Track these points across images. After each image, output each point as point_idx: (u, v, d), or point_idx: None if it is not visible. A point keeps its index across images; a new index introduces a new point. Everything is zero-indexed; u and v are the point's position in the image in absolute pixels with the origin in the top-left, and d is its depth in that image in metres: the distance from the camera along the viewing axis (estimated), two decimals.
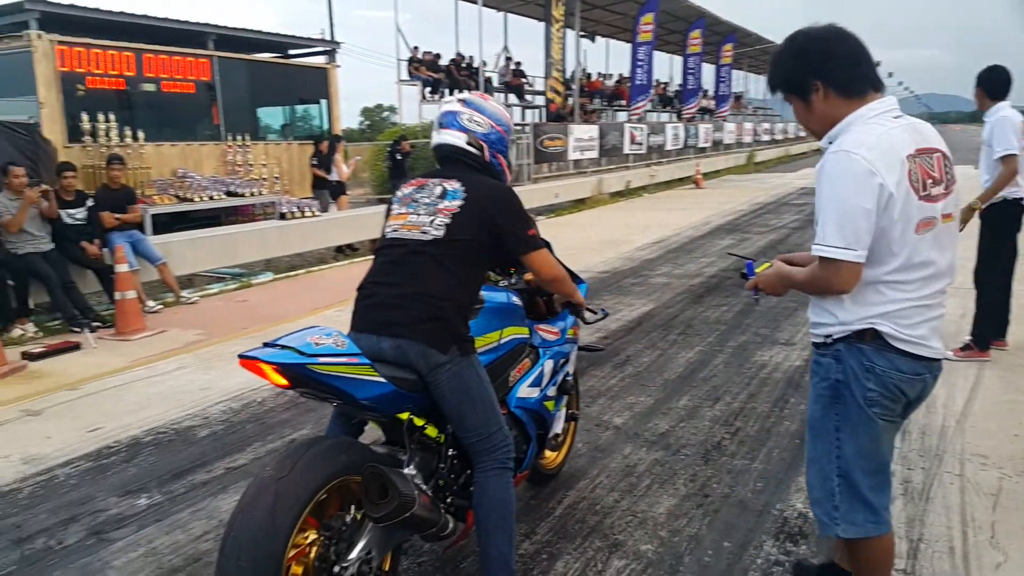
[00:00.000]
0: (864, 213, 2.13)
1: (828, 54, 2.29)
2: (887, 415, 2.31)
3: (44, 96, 10.14)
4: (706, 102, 36.96)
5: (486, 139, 2.91)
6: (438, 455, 2.83)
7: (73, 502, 3.90)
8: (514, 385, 3.20)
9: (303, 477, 2.28)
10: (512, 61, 26.01)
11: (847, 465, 2.33)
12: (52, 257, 7.37)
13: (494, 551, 2.71)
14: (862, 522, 2.35)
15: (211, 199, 11.53)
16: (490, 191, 2.81)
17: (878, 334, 2.26)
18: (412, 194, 2.87)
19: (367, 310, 2.73)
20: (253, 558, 2.16)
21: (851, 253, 2.14)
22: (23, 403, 5.38)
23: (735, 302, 7.85)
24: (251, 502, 2.24)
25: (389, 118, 28.74)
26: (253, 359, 2.30)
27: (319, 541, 2.39)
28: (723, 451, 4.29)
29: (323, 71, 15.66)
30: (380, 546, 2.54)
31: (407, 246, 2.75)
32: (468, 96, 3.03)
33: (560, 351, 3.57)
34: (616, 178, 21.52)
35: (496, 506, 2.71)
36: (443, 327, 2.64)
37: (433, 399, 2.69)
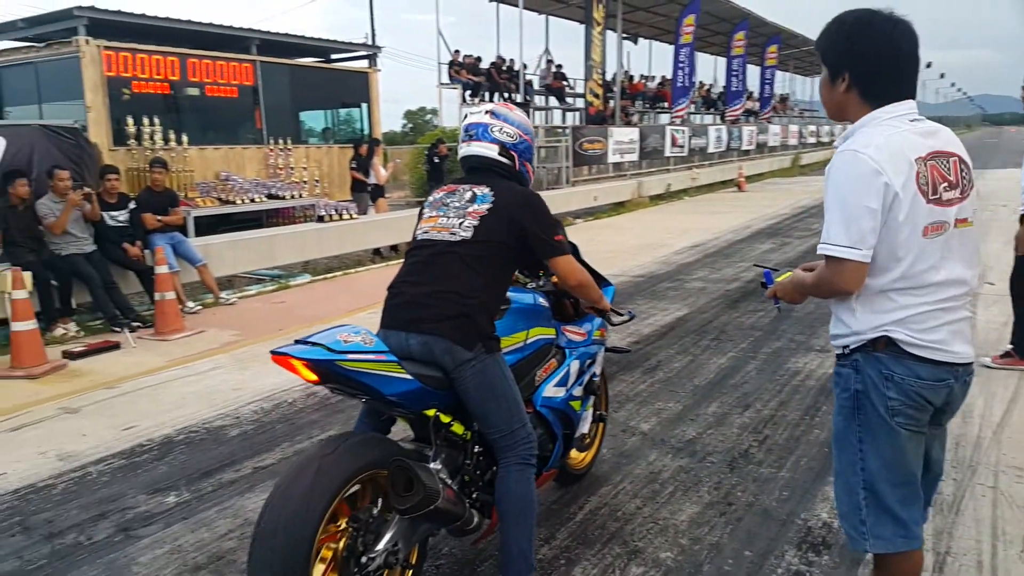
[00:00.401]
0: (869, 213, 2.10)
1: (867, 56, 2.23)
2: (911, 424, 2.24)
3: (91, 100, 10.38)
4: (750, 104, 36.57)
5: (515, 148, 3.02)
6: (464, 452, 2.89)
7: (104, 499, 3.99)
8: (540, 384, 3.25)
9: (337, 465, 2.38)
10: (553, 64, 25.99)
11: (872, 477, 2.27)
12: (94, 258, 7.55)
13: (514, 545, 2.75)
14: (890, 536, 2.27)
15: (252, 202, 11.72)
16: (518, 196, 2.90)
17: (892, 341, 2.21)
18: (443, 199, 2.98)
19: (396, 308, 2.82)
20: (288, 534, 2.25)
21: (856, 252, 2.12)
22: (61, 401, 5.52)
23: (772, 307, 7.73)
24: (291, 480, 2.35)
25: (431, 121, 28.94)
26: (284, 355, 2.41)
27: (348, 532, 2.46)
28: (750, 459, 4.23)
29: (364, 75, 15.81)
30: (406, 538, 2.62)
31: (436, 247, 2.84)
32: (495, 107, 3.11)
33: (586, 352, 3.60)
34: (656, 181, 21.37)
35: (517, 501, 2.77)
36: (469, 324, 2.71)
37: (459, 397, 2.75)
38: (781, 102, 42.99)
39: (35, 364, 6.13)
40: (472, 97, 22.12)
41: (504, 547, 2.78)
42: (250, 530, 3.52)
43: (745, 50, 30.35)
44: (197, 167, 11.81)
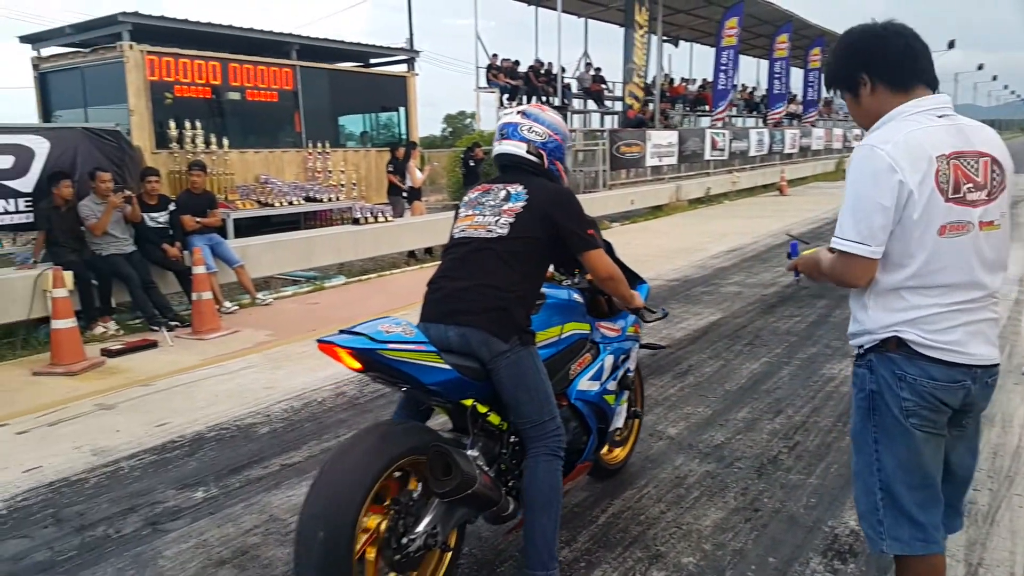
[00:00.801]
0: (881, 209, 2.09)
1: (876, 48, 2.25)
2: (927, 426, 2.20)
3: (134, 104, 10.62)
4: (794, 107, 36.11)
5: (544, 147, 3.11)
6: (500, 441, 2.99)
7: (134, 493, 4.06)
8: (575, 378, 3.32)
9: (379, 449, 2.53)
10: (592, 67, 25.94)
11: (888, 478, 2.24)
12: (134, 258, 7.71)
13: (538, 533, 2.81)
14: (908, 539, 2.24)
15: (291, 204, 11.87)
16: (551, 193, 2.99)
17: (903, 342, 2.19)
18: (478, 198, 3.08)
19: (435, 302, 2.93)
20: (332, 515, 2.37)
21: (865, 248, 2.13)
22: (98, 397, 5.64)
23: (809, 312, 7.64)
24: (336, 462, 2.50)
25: (470, 125, 29.02)
26: (330, 344, 2.53)
27: (389, 515, 2.58)
28: (779, 465, 4.17)
29: (402, 79, 15.93)
30: (445, 522, 2.72)
31: (473, 244, 2.95)
32: (526, 108, 3.23)
33: (620, 347, 3.67)
34: (696, 184, 21.22)
35: (544, 490, 2.83)
36: (506, 317, 2.81)
37: (495, 388, 2.85)
38: (825, 105, 42.36)
39: (74, 361, 6.27)
40: (510, 101, 22.15)
41: (528, 536, 2.83)
42: (275, 526, 3.63)
43: (788, 53, 29.95)
44: (237, 170, 12.01)
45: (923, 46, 2.25)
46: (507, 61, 22.49)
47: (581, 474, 3.53)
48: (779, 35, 29.47)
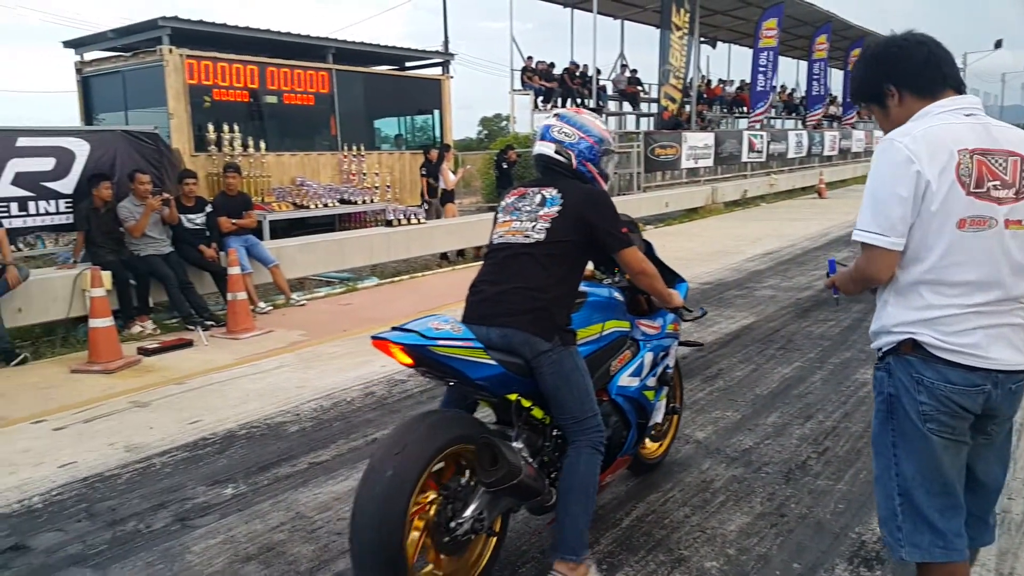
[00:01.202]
0: (898, 200, 2.10)
1: (899, 57, 2.27)
2: (945, 432, 2.16)
3: (173, 107, 10.81)
4: (833, 109, 35.62)
5: (573, 148, 3.19)
6: (543, 435, 3.11)
7: (165, 489, 4.14)
8: (615, 374, 3.42)
9: (432, 435, 2.66)
10: (628, 69, 25.84)
11: (907, 484, 2.22)
12: (171, 259, 7.85)
13: (571, 522, 2.92)
14: (927, 546, 2.20)
15: (326, 206, 11.97)
16: (585, 195, 3.08)
17: (918, 344, 2.17)
18: (514, 203, 3.18)
19: (477, 305, 3.03)
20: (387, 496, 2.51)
21: (884, 239, 2.13)
22: (133, 395, 5.74)
23: (844, 317, 7.53)
24: (390, 446, 2.62)
25: (506, 128, 29.08)
26: (384, 340, 2.70)
27: (438, 500, 2.75)
28: (807, 470, 4.12)
29: (437, 82, 16.01)
30: (490, 509, 2.85)
31: (512, 249, 3.05)
32: (561, 111, 3.35)
33: (660, 344, 3.76)
34: (732, 187, 21.04)
35: (582, 482, 2.93)
36: (546, 317, 2.92)
37: (538, 384, 2.95)
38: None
39: (111, 359, 6.40)
40: (544, 103, 22.16)
41: (562, 524, 2.93)
42: (301, 523, 3.68)
43: (827, 54, 29.55)
44: (274, 172, 12.15)
45: (945, 52, 2.25)
46: (542, 63, 22.50)
47: (621, 467, 3.61)
48: (818, 36, 29.10)
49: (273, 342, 7.27)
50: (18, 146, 7.74)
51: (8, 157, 7.67)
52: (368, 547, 2.52)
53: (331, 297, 9.60)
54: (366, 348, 6.88)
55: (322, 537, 3.56)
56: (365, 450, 4.58)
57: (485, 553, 3.00)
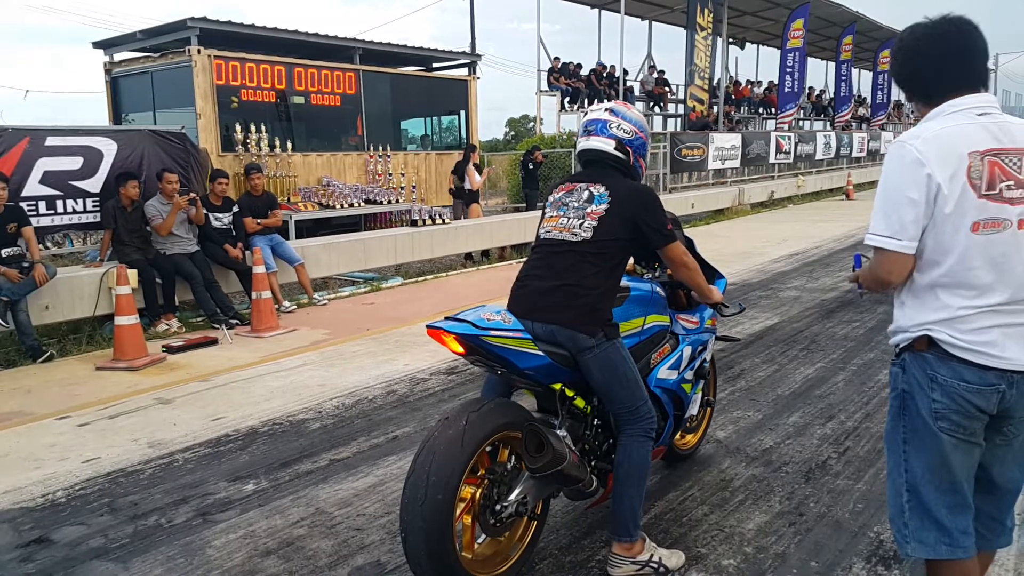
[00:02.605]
0: (909, 203, 2.08)
1: (911, 61, 2.27)
2: (956, 431, 2.14)
3: (201, 108, 10.92)
4: (862, 110, 35.26)
5: (631, 144, 3.22)
6: (585, 424, 3.18)
7: (187, 484, 4.17)
8: (655, 367, 3.47)
9: (482, 420, 2.77)
10: (655, 70, 25.74)
11: (915, 480, 2.21)
12: (197, 258, 7.92)
13: (627, 504, 3.03)
14: (933, 543, 2.20)
15: (351, 206, 12.02)
16: (633, 193, 3.10)
17: (933, 341, 2.15)
18: (562, 198, 3.20)
19: (521, 299, 3.08)
20: (441, 465, 2.64)
21: (895, 243, 2.11)
22: (157, 392, 5.80)
23: (869, 318, 7.44)
24: (442, 430, 2.73)
25: (533, 129, 29.05)
26: (438, 329, 2.79)
27: (485, 483, 2.86)
28: (827, 470, 4.09)
29: (463, 83, 16.04)
30: (534, 493, 2.97)
31: (558, 245, 3.08)
32: (613, 105, 3.31)
33: (698, 339, 3.80)
34: (759, 188, 20.86)
35: (636, 467, 3.03)
36: (590, 313, 2.95)
37: (583, 375, 3.02)
38: (896, 109, 41.26)
39: (136, 357, 6.47)
40: (571, 104, 22.14)
41: (617, 505, 3.05)
42: (321, 519, 3.70)
43: (853, 54, 29.25)
44: (300, 173, 12.23)
45: (965, 47, 2.20)
46: (569, 64, 22.47)
47: (656, 458, 3.64)
48: (845, 37, 28.83)
49: (297, 340, 7.32)
50: (47, 145, 7.83)
51: (37, 156, 7.77)
52: (419, 527, 2.62)
53: (355, 296, 9.65)
54: (388, 347, 6.92)
55: (341, 532, 3.57)
56: (386, 447, 4.60)
57: (526, 535, 3.11)
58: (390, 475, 4.19)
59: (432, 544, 2.62)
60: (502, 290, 8.60)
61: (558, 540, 3.44)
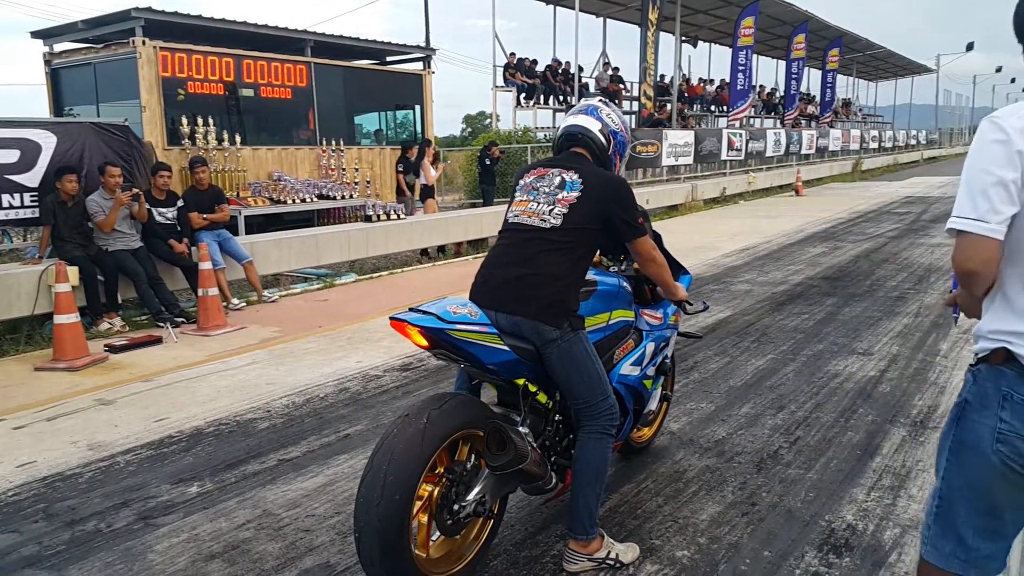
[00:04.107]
0: (998, 181, 1.84)
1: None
2: (1015, 461, 1.89)
3: (146, 100, 10.62)
4: (811, 108, 35.86)
5: (615, 136, 3.24)
6: (546, 419, 3.15)
7: (128, 488, 4.02)
8: (618, 363, 3.45)
9: (443, 418, 2.70)
10: (610, 66, 25.84)
11: (949, 492, 2.03)
12: (141, 254, 7.69)
13: (583, 503, 3.01)
14: (948, 554, 2.03)
15: (303, 202, 11.82)
16: (605, 182, 3.06)
17: (1012, 356, 1.90)
18: (533, 183, 3.14)
19: (487, 289, 3.02)
20: (400, 464, 2.57)
21: (982, 225, 1.84)
22: (98, 392, 5.60)
23: (817, 310, 7.54)
24: (402, 427, 2.66)
25: (490, 125, 28.97)
26: (402, 321, 2.71)
27: (443, 482, 2.80)
28: (778, 460, 4.12)
29: (418, 77, 15.89)
30: (493, 492, 2.93)
31: (526, 231, 3.03)
32: (607, 101, 3.36)
33: (661, 335, 3.82)
34: (711, 184, 21.08)
35: (593, 465, 3.00)
36: (555, 305, 2.91)
37: (546, 369, 2.98)
38: (844, 107, 42.04)
39: (76, 356, 6.24)
40: (527, 100, 22.14)
41: (574, 503, 3.03)
42: (268, 521, 3.59)
43: (805, 53, 29.73)
44: (250, 167, 11.99)
45: None
46: (525, 60, 22.45)
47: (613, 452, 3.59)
48: (796, 35, 29.28)
49: (245, 339, 7.15)
50: None
51: None
52: (374, 527, 2.56)
53: (307, 293, 9.48)
54: (341, 344, 6.80)
55: (289, 534, 3.47)
56: (337, 446, 4.50)
57: (482, 535, 3.06)
58: (341, 474, 4.10)
59: (387, 544, 2.57)
60: (458, 286, 8.56)
61: (512, 536, 3.40)
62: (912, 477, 3.85)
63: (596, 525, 3.07)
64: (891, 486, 3.76)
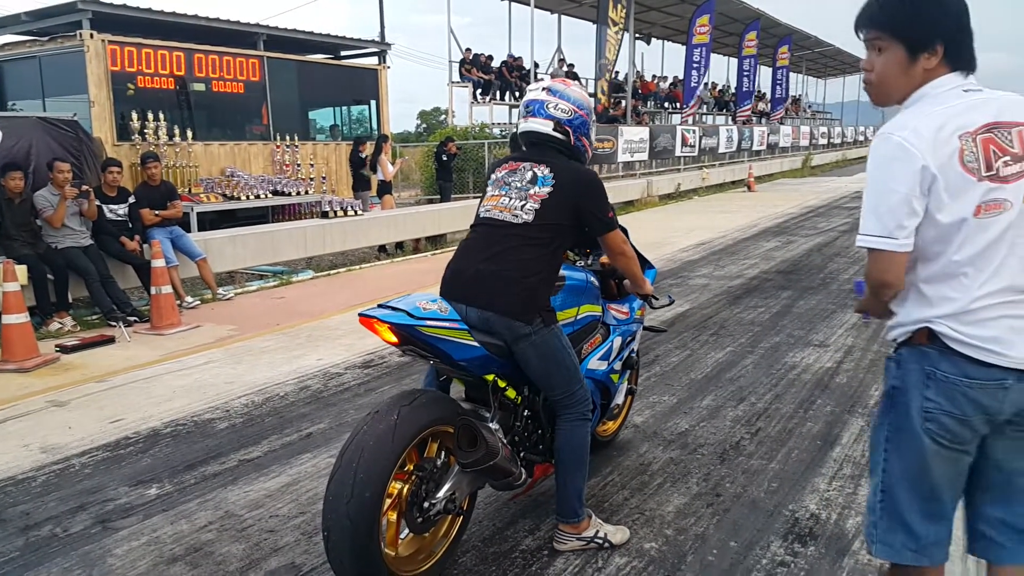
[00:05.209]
0: (903, 199, 1.91)
1: (961, 17, 1.99)
2: (943, 436, 1.97)
3: (95, 95, 10.36)
4: (762, 105, 36.39)
5: (570, 124, 3.14)
6: (515, 414, 3.15)
7: (84, 491, 3.93)
8: (586, 357, 3.48)
9: (414, 415, 2.68)
10: (565, 63, 25.92)
11: (891, 480, 2.08)
12: (92, 252, 7.51)
13: (571, 487, 3.08)
14: (899, 547, 2.07)
15: (257, 198, 11.65)
16: (578, 178, 3.04)
17: (934, 335, 1.98)
18: (505, 177, 3.13)
19: (458, 284, 3.02)
20: (371, 461, 2.56)
21: (892, 242, 1.93)
22: (50, 394, 5.46)
23: (773, 303, 7.66)
24: (372, 424, 2.64)
25: (445, 121, 28.89)
26: (371, 318, 2.69)
27: (413, 480, 2.79)
28: (741, 451, 4.19)
29: (373, 72, 15.75)
30: (462, 489, 2.94)
31: (498, 226, 3.02)
32: (551, 84, 3.20)
33: (628, 329, 3.86)
34: (666, 180, 21.26)
35: (577, 451, 3.07)
36: (527, 301, 2.91)
37: (516, 365, 3.00)
38: (793, 104, 42.74)
39: (26, 357, 6.07)
40: (483, 96, 22.09)
41: (563, 490, 3.10)
42: (231, 522, 3.54)
43: (756, 50, 30.16)
44: (202, 163, 11.78)
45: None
46: (481, 56, 22.41)
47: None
48: (748, 33, 29.69)
49: (201, 337, 7.02)
50: None
51: None
52: (343, 526, 2.54)
53: (263, 291, 9.33)
54: (300, 342, 6.71)
55: (253, 535, 3.42)
56: (299, 445, 4.44)
57: (451, 531, 3.06)
58: (304, 474, 4.05)
59: (357, 542, 2.54)
60: (418, 283, 8.53)
61: (481, 531, 3.39)
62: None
63: (584, 506, 3.15)
64: (851, 475, 3.84)
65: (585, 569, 3.07)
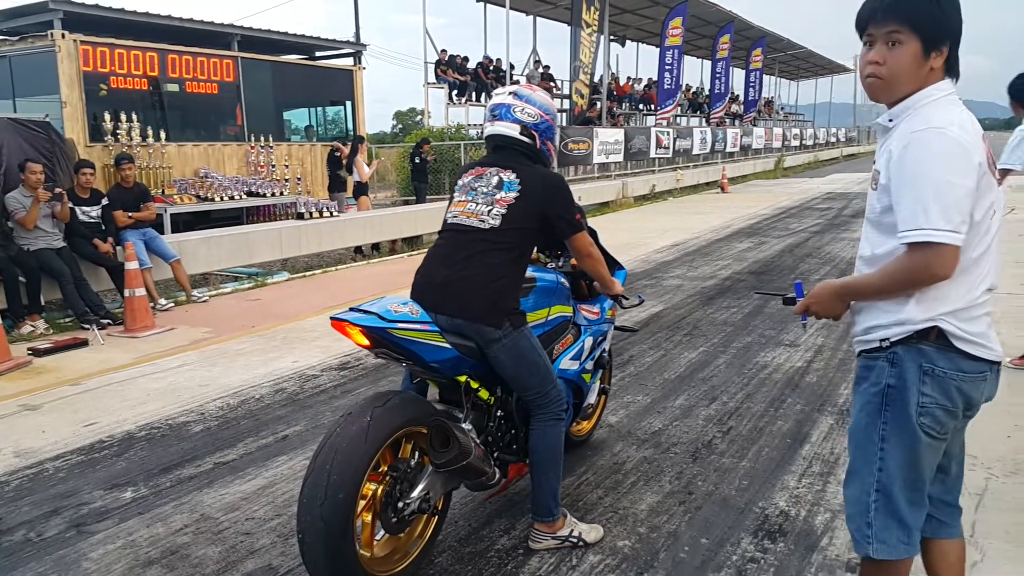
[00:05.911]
0: (967, 193, 1.92)
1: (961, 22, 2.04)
2: (934, 429, 2.05)
3: (67, 95, 10.27)
4: (736, 107, 36.68)
5: (536, 128, 3.17)
6: (488, 415, 3.18)
7: (59, 495, 3.91)
8: (557, 357, 3.50)
9: (387, 417, 2.71)
10: (541, 64, 25.97)
11: (888, 479, 2.09)
12: (64, 254, 7.45)
13: (547, 486, 3.13)
14: (895, 543, 2.11)
15: (232, 199, 11.59)
16: (543, 182, 3.09)
17: (942, 333, 2.02)
18: (471, 183, 3.15)
19: (427, 291, 3.03)
20: (344, 463, 2.57)
21: (955, 236, 1.90)
22: (23, 398, 5.42)
23: (746, 304, 7.75)
24: (345, 426, 2.66)
25: (421, 122, 28.90)
26: (343, 321, 2.70)
27: (387, 480, 2.81)
28: (713, 449, 4.25)
29: (348, 72, 15.72)
30: (437, 489, 2.96)
31: (465, 232, 3.05)
32: (518, 89, 3.25)
33: (599, 329, 3.89)
34: (641, 182, 21.40)
35: (551, 450, 3.11)
36: (496, 305, 2.95)
37: (489, 366, 3.03)
38: (766, 106, 43.12)
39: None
40: (459, 97, 22.08)
41: (538, 489, 3.14)
42: (207, 525, 3.54)
43: (729, 53, 30.42)
44: (176, 164, 11.70)
45: None
46: (456, 57, 22.40)
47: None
48: (722, 35, 29.93)
49: (175, 340, 6.99)
50: None
51: None
52: (317, 527, 2.55)
53: (238, 293, 9.30)
54: (276, 344, 6.71)
55: (229, 538, 3.43)
56: (275, 447, 4.45)
57: (427, 531, 3.07)
58: (280, 476, 4.06)
59: (331, 544, 2.56)
60: (394, 284, 8.54)
61: (457, 532, 3.42)
62: (841, 463, 3.98)
63: (559, 506, 3.19)
64: (821, 472, 3.91)
65: (560, 567, 3.11)
